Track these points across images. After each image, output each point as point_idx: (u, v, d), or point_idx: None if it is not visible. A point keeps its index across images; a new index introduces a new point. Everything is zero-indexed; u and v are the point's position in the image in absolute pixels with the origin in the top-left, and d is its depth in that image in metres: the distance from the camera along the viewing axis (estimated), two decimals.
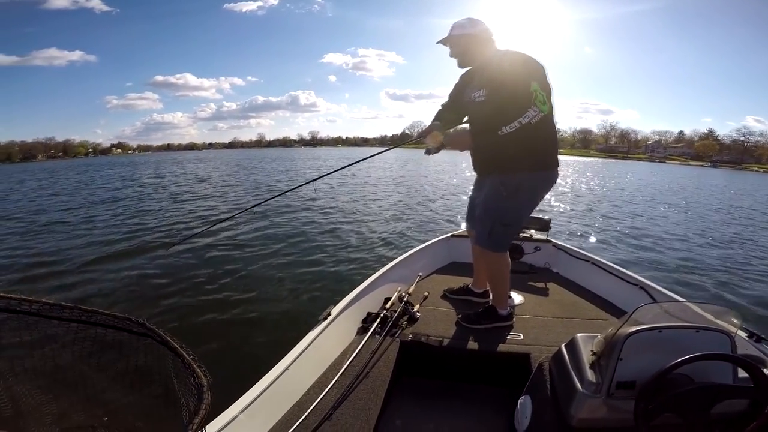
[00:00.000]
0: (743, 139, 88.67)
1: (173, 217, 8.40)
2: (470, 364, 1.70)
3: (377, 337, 1.69)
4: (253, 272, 4.47)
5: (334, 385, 1.38)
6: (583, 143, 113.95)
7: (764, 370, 0.88)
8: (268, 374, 1.33)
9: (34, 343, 0.72)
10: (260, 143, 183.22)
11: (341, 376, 1.43)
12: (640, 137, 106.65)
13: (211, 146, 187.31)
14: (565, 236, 6.42)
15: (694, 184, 23.83)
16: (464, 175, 18.10)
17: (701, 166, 74.68)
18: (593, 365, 1.05)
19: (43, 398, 0.74)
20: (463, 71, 1.94)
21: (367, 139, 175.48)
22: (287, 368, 1.37)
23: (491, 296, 1.97)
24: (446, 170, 22.24)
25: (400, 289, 2.16)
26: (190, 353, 0.69)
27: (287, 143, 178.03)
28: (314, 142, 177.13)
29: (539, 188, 1.77)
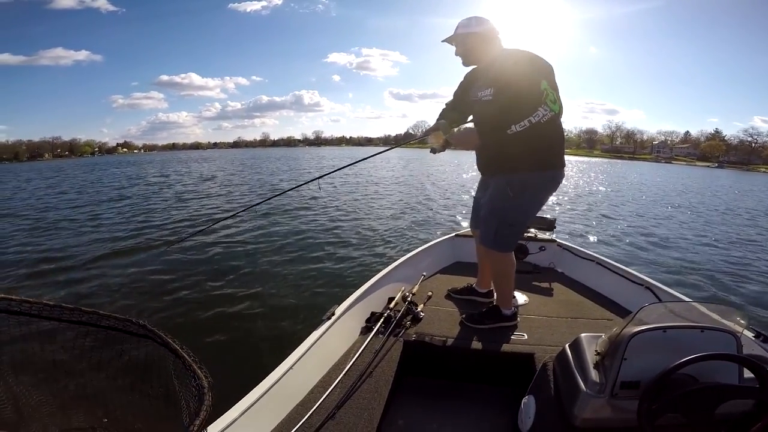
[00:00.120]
0: (750, 139, 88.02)
1: (179, 215, 8.45)
2: (474, 363, 1.69)
3: (381, 336, 1.68)
4: (256, 271, 4.48)
5: (337, 384, 1.38)
6: (588, 143, 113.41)
7: None
8: (272, 373, 1.33)
9: (34, 344, 0.72)
10: (264, 143, 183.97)
11: (345, 375, 1.43)
12: (645, 137, 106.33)
13: (215, 146, 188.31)
14: (570, 236, 6.37)
15: (699, 184, 23.64)
16: (466, 175, 18.06)
17: (707, 166, 74.12)
18: (597, 365, 1.04)
19: (43, 399, 0.74)
20: (467, 70, 1.93)
21: (370, 138, 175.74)
22: (291, 367, 1.37)
23: (495, 296, 1.96)
24: (449, 170, 22.22)
25: (403, 288, 2.15)
26: (191, 354, 0.68)
27: (291, 143, 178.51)
28: (318, 141, 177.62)
29: (546, 188, 1.76)
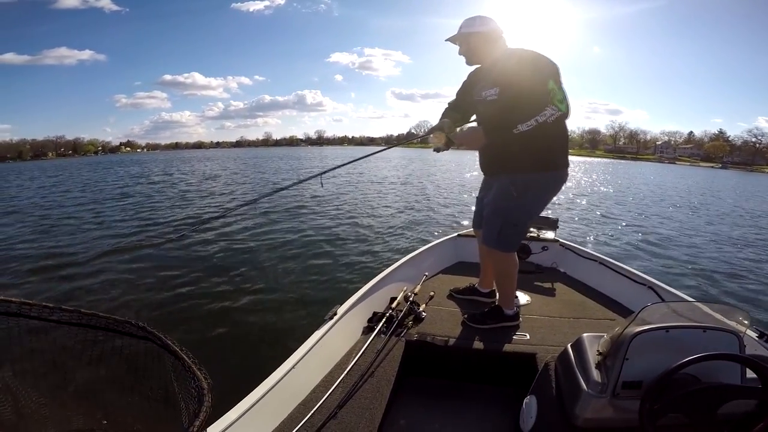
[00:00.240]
0: (755, 140, 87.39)
1: (183, 212, 8.51)
2: (475, 364, 1.69)
3: (383, 336, 1.68)
4: (258, 270, 4.49)
5: (339, 384, 1.38)
6: (591, 144, 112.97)
7: None
8: (274, 372, 1.33)
9: (34, 346, 0.72)
10: (267, 142, 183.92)
11: (347, 375, 1.43)
12: (649, 138, 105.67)
13: (218, 145, 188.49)
14: (572, 235, 6.35)
15: (702, 185, 23.53)
16: (468, 174, 18.05)
17: (711, 167, 73.74)
18: (599, 365, 1.04)
19: (43, 401, 0.74)
20: (470, 69, 1.92)
21: (373, 138, 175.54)
22: (293, 367, 1.37)
23: (497, 296, 1.95)
24: (452, 168, 22.19)
25: (406, 288, 2.14)
26: (190, 356, 0.68)
27: (294, 142, 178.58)
28: (321, 141, 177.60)
29: (550, 188, 1.75)
